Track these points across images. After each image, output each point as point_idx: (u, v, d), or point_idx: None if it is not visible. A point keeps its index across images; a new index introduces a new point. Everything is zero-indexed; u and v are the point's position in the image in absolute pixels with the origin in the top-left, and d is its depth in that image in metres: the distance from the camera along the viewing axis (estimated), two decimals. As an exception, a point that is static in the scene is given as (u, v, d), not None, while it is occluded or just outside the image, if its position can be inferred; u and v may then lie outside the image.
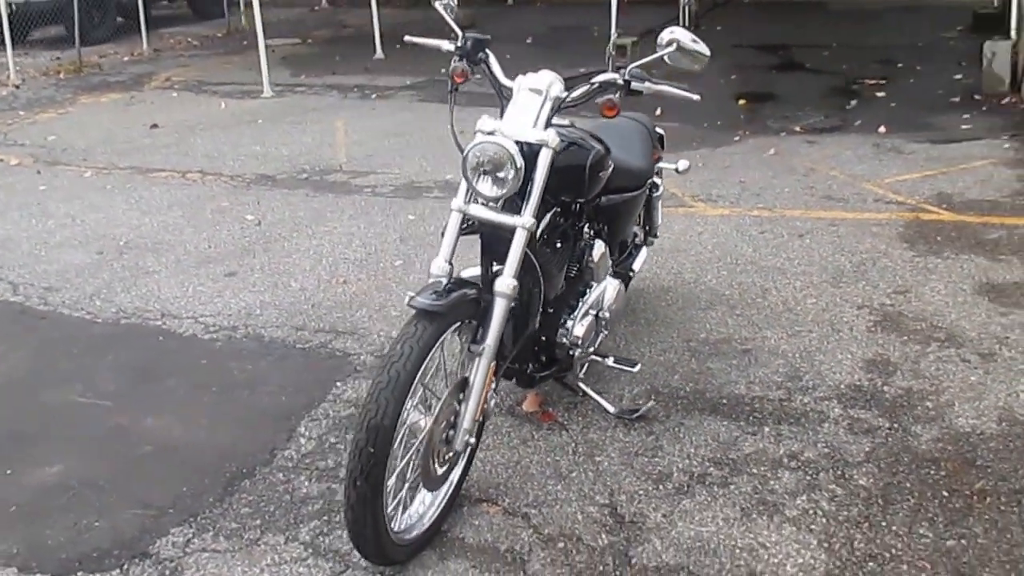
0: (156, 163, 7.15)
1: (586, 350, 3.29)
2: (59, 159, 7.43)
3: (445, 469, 2.79)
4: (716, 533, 2.75)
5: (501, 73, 2.97)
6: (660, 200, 3.98)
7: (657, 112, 6.11)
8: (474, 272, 2.90)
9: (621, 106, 2.78)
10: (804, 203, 5.51)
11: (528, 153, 2.70)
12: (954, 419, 3.24)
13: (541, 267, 2.90)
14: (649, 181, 3.72)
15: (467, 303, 2.65)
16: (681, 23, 11.41)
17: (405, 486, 2.69)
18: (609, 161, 3.09)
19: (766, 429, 3.25)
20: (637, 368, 3.40)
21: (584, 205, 3.14)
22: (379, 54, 11.28)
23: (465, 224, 2.82)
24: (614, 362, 3.40)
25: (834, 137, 6.92)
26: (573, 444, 3.23)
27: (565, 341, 3.19)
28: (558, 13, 13.56)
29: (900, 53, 9.52)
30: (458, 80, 2.97)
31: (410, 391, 2.46)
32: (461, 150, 2.75)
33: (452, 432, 2.73)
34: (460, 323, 2.68)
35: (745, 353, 3.78)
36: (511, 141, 2.67)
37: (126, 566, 2.76)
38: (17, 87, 10.38)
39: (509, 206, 2.77)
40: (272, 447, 3.31)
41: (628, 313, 4.07)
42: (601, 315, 3.38)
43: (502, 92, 2.92)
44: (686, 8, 11.36)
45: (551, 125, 2.79)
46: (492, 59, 3.00)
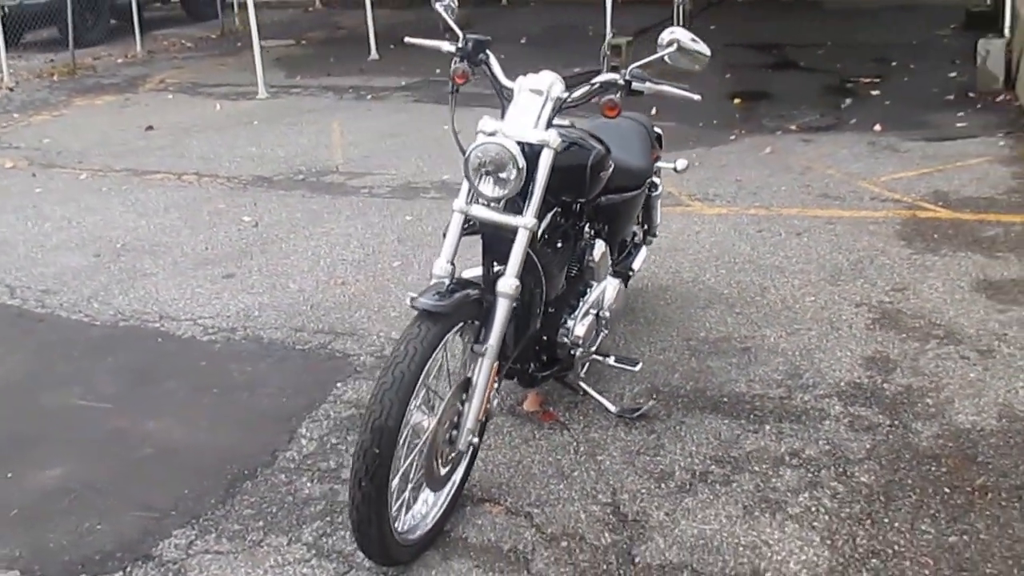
0: (152, 165, 7.14)
1: (587, 349, 3.29)
2: (54, 161, 7.42)
3: (448, 469, 2.80)
4: (719, 531, 2.76)
5: (502, 74, 2.97)
6: (659, 199, 3.98)
7: (653, 111, 6.10)
8: (475, 273, 2.90)
9: (622, 106, 2.79)
10: (801, 201, 5.51)
11: (529, 153, 2.70)
12: (954, 416, 3.25)
13: (543, 267, 2.91)
14: (648, 180, 3.73)
15: (470, 303, 2.65)
16: (675, 22, 11.41)
17: (408, 487, 2.69)
18: (610, 161, 3.09)
19: (767, 427, 3.26)
20: (638, 367, 3.41)
21: (584, 205, 3.14)
22: (374, 55, 11.27)
23: (466, 225, 2.82)
24: (615, 361, 3.40)
25: (830, 135, 6.92)
26: (575, 443, 3.24)
27: (566, 341, 3.19)
28: (552, 13, 13.55)
29: (894, 51, 9.53)
30: (459, 81, 2.97)
31: (414, 392, 2.46)
32: (463, 151, 2.75)
33: (455, 432, 2.73)
34: (463, 323, 2.69)
35: (745, 351, 3.78)
36: (513, 142, 2.67)
37: (129, 569, 2.75)
38: (11, 89, 10.35)
39: (510, 206, 2.77)
40: (273, 448, 3.31)
41: (627, 312, 4.07)
42: (602, 314, 3.38)
43: (503, 93, 2.92)
44: (680, 8, 11.35)
45: (552, 125, 2.79)
46: (492, 60, 3.00)
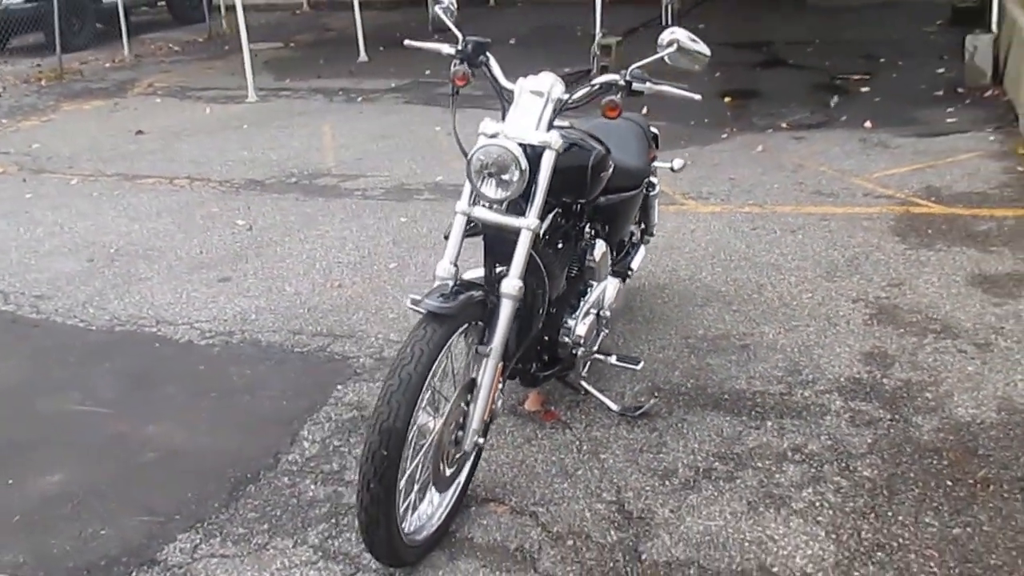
0: (143, 170, 7.12)
1: (589, 349, 3.30)
2: (44, 167, 7.39)
3: (454, 470, 2.80)
4: (724, 527, 2.77)
5: (502, 76, 2.97)
6: (657, 199, 3.99)
7: (644, 111, 6.13)
8: (475, 274, 2.91)
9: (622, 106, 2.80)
10: (794, 199, 5.53)
11: (531, 155, 2.70)
12: (954, 409, 3.27)
13: (545, 268, 2.91)
14: (646, 180, 3.74)
15: (474, 305, 2.66)
16: (664, 22, 11.44)
17: (415, 488, 2.69)
18: (610, 161, 3.09)
19: (769, 423, 3.27)
20: (640, 366, 3.41)
21: (585, 205, 3.15)
22: (363, 57, 11.26)
23: (468, 226, 2.83)
24: (617, 360, 3.40)
25: (821, 133, 6.94)
26: (577, 442, 3.24)
27: (567, 340, 3.19)
28: (540, 13, 13.57)
29: (882, 48, 9.57)
30: (459, 83, 2.96)
31: (421, 393, 2.47)
32: (465, 153, 2.76)
33: (461, 433, 2.74)
34: (467, 325, 2.69)
35: (744, 348, 3.79)
36: (515, 143, 2.67)
37: (135, 574, 2.75)
38: (-2, 95, 10.34)
39: (512, 208, 2.78)
40: (276, 451, 3.30)
41: (626, 311, 4.08)
42: (602, 314, 3.40)
43: (503, 95, 2.92)
44: (668, 7, 11.38)
45: (553, 127, 2.80)
46: (493, 62, 3.00)
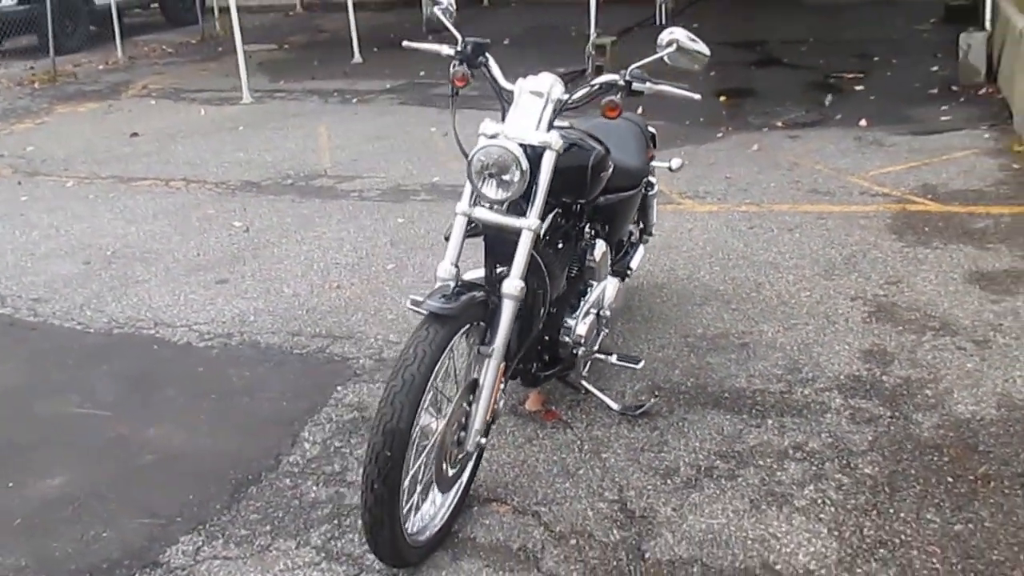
0: (138, 172, 7.11)
1: (589, 348, 3.30)
2: (39, 169, 7.37)
3: (456, 470, 2.80)
4: (727, 525, 2.77)
5: (501, 76, 2.97)
6: (655, 198, 4.00)
7: (639, 111, 6.13)
8: (476, 275, 2.91)
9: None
10: (791, 197, 5.55)
11: (531, 155, 2.70)
12: (953, 406, 3.28)
13: (546, 268, 2.92)
14: (644, 180, 3.75)
15: (476, 305, 2.66)
16: (657, 21, 11.46)
17: (418, 488, 2.70)
18: (609, 161, 3.10)
19: (769, 421, 3.28)
20: (640, 365, 3.42)
21: (585, 206, 3.15)
22: (357, 58, 11.25)
23: (469, 227, 2.83)
24: (618, 359, 3.41)
25: (816, 131, 6.96)
26: (578, 442, 3.25)
27: (568, 340, 3.20)
28: (533, 13, 13.58)
29: (875, 47, 9.60)
30: (459, 84, 2.96)
31: (424, 394, 2.47)
32: (465, 154, 2.76)
33: (463, 433, 2.74)
34: (469, 325, 2.69)
35: (743, 347, 3.80)
36: (515, 144, 2.68)
37: (138, 576, 2.75)
38: (-9, 97, 10.31)
39: (513, 208, 2.78)
40: (277, 453, 3.30)
41: (625, 311, 4.09)
42: (602, 313, 3.40)
43: (502, 95, 2.92)
44: (662, 7, 11.40)
45: (553, 127, 2.80)
46: (492, 63, 3.00)
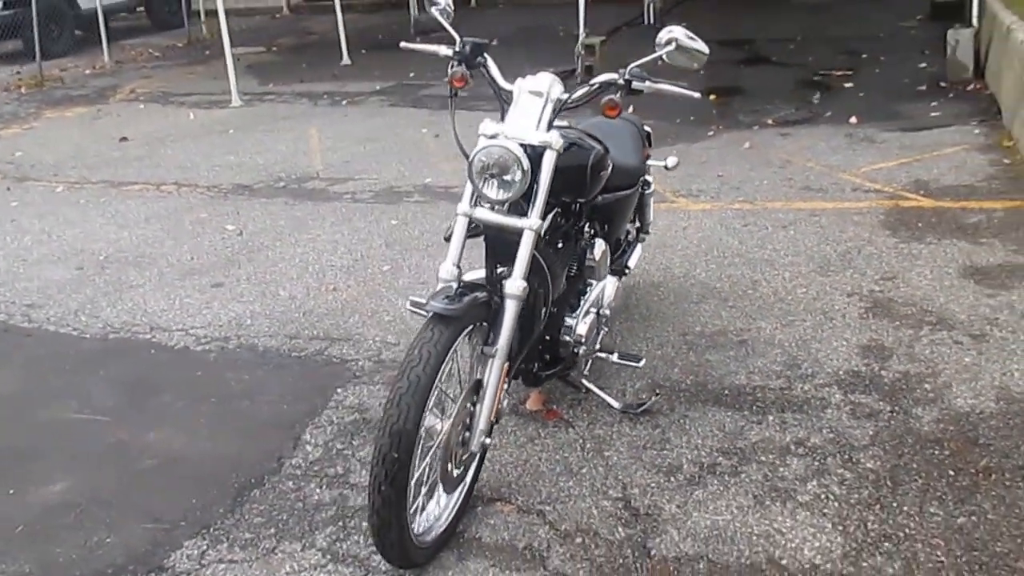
0: (129, 176, 7.08)
1: (590, 347, 3.31)
2: (28, 175, 7.34)
3: (461, 470, 2.81)
4: (732, 521, 2.78)
5: (500, 77, 2.97)
6: (652, 197, 4.01)
7: (630, 109, 6.14)
8: (477, 275, 2.91)
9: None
10: (784, 195, 5.57)
11: (532, 155, 2.71)
12: (953, 400, 3.30)
13: (547, 267, 2.92)
14: (641, 179, 3.76)
15: (479, 306, 2.66)
16: (646, 20, 11.49)
17: (423, 489, 2.70)
18: (608, 160, 3.10)
19: (770, 417, 3.29)
20: (641, 363, 3.43)
21: (584, 205, 3.16)
22: (346, 60, 11.23)
23: (470, 227, 2.83)
24: (618, 358, 3.41)
25: (806, 129, 6.98)
26: (580, 440, 3.25)
27: (568, 339, 3.20)
28: (522, 14, 13.59)
29: (863, 44, 9.64)
30: (458, 85, 2.95)
31: (430, 395, 2.47)
32: (466, 155, 2.76)
33: (467, 434, 2.74)
34: (472, 326, 2.70)
35: (742, 344, 3.81)
36: (516, 144, 2.68)
37: (143, 581, 2.75)
38: (-22, 103, 10.25)
39: (513, 208, 2.78)
40: (279, 456, 3.30)
41: (622, 309, 4.10)
42: (602, 312, 3.41)
43: (501, 95, 2.93)
44: (650, 6, 11.43)
45: (553, 127, 2.81)
46: (491, 63, 3.00)
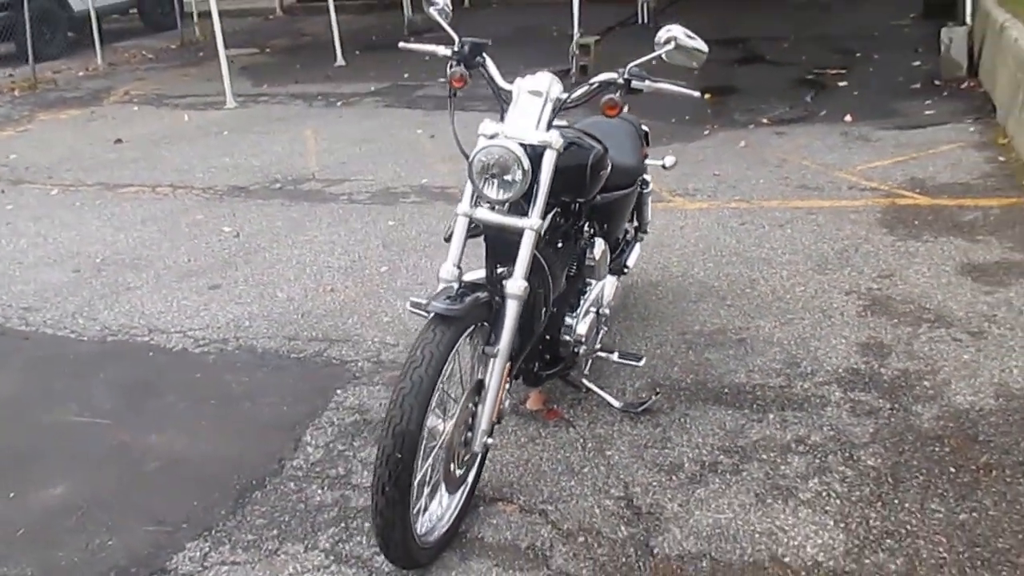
0: (124, 178, 7.07)
1: (590, 347, 3.32)
2: (23, 177, 7.32)
3: (464, 470, 2.81)
4: (734, 519, 2.79)
5: (499, 76, 2.98)
6: (650, 196, 4.02)
7: (625, 109, 6.15)
8: (476, 276, 2.91)
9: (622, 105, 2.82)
10: (780, 193, 5.58)
11: (532, 155, 2.71)
12: (952, 397, 3.31)
13: (547, 267, 2.93)
14: (640, 178, 3.76)
15: (480, 306, 2.66)
16: (640, 20, 11.50)
17: (425, 490, 2.70)
18: (608, 160, 3.11)
19: (771, 416, 3.30)
20: (642, 362, 3.43)
21: (583, 204, 3.16)
22: (340, 61, 11.22)
23: (470, 227, 2.83)
24: (619, 357, 3.42)
25: (802, 127, 6.99)
26: (581, 440, 3.26)
27: (569, 339, 3.21)
28: (516, 14, 13.58)
29: (856, 42, 9.66)
30: (457, 85, 2.96)
31: (433, 395, 2.47)
32: (466, 155, 2.76)
33: (470, 434, 2.75)
34: (474, 326, 2.70)
35: (741, 343, 3.82)
36: (516, 143, 2.69)
37: (146, 583, 2.74)
38: (-29, 106, 10.22)
39: (514, 208, 2.78)
40: (280, 457, 3.30)
41: (620, 309, 4.10)
42: (601, 312, 3.41)
43: (501, 95, 2.93)
44: (644, 6, 11.44)
45: (552, 126, 2.81)
46: (490, 63, 3.01)
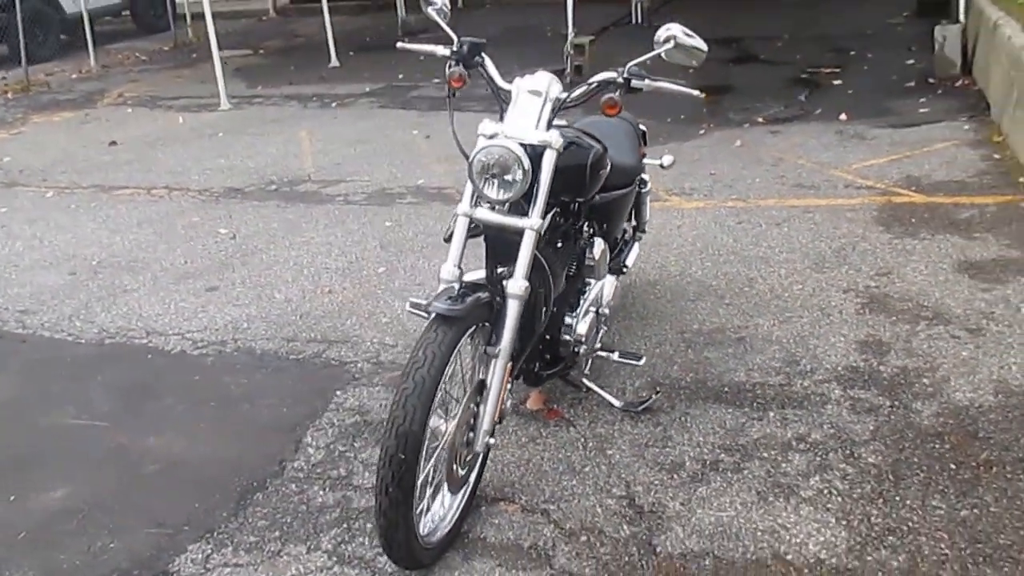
0: (119, 180, 7.06)
1: (590, 346, 3.32)
2: (17, 180, 7.30)
3: (466, 471, 2.82)
4: (736, 517, 2.79)
5: (498, 76, 2.98)
6: (648, 195, 4.02)
7: (622, 108, 6.16)
8: (476, 276, 2.91)
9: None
10: (777, 192, 5.58)
11: (532, 155, 2.71)
12: (952, 394, 3.32)
13: (548, 267, 2.93)
14: (638, 177, 3.77)
15: (482, 306, 2.66)
16: (634, 20, 11.51)
17: (428, 490, 2.70)
18: (607, 159, 3.11)
19: (771, 414, 3.31)
20: (642, 361, 3.43)
21: (583, 204, 3.16)
22: (334, 62, 11.21)
23: (470, 227, 2.83)
24: (619, 356, 3.42)
25: (797, 126, 7.00)
26: (582, 439, 3.26)
27: (569, 338, 3.21)
28: (508, 14, 13.58)
29: (850, 41, 9.68)
30: (455, 85, 2.96)
31: (436, 396, 2.47)
32: (466, 156, 2.76)
33: (472, 434, 2.75)
34: (475, 327, 2.70)
35: (740, 341, 3.82)
36: (516, 143, 2.69)
37: (148, 586, 2.74)
38: (-36, 109, 10.19)
39: (514, 208, 2.78)
40: (281, 459, 3.29)
41: (619, 308, 4.11)
42: (601, 311, 3.42)
43: (500, 95, 2.93)
44: (638, 6, 11.45)
45: (552, 126, 2.82)
46: (488, 63, 3.01)
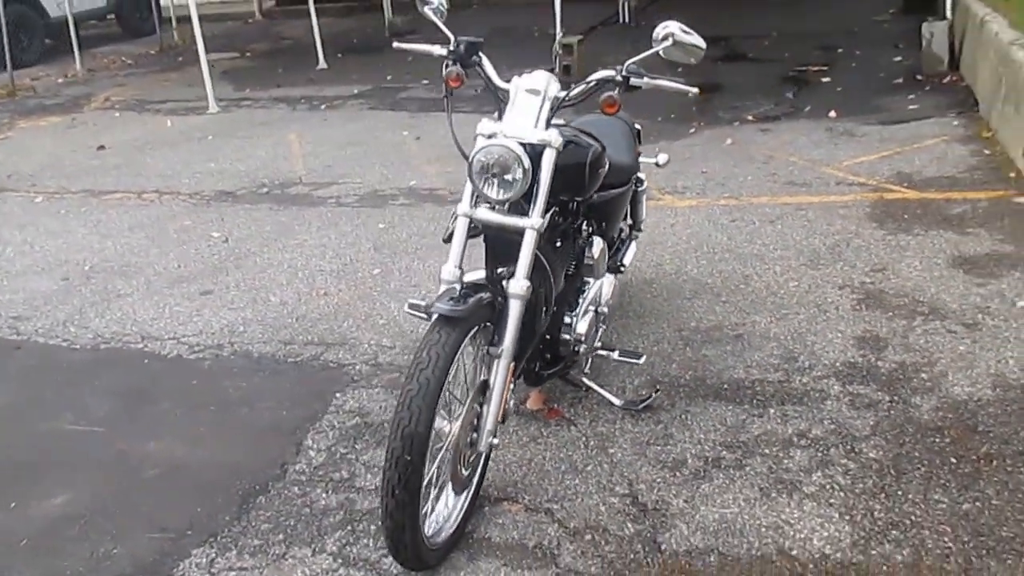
0: (109, 185, 7.02)
1: (590, 345, 3.33)
2: (5, 185, 7.26)
3: (470, 471, 2.82)
4: (739, 514, 2.81)
5: (496, 75, 2.98)
6: (644, 194, 4.03)
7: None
8: (476, 276, 2.90)
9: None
10: (769, 190, 5.60)
11: (531, 154, 2.71)
12: (950, 388, 3.34)
13: (548, 266, 2.93)
14: (635, 176, 3.78)
15: (484, 307, 2.66)
16: (621, 19, 11.53)
17: (432, 491, 2.70)
18: (606, 158, 3.12)
19: (771, 410, 3.32)
20: (642, 360, 3.44)
21: (581, 203, 3.17)
22: (322, 64, 11.17)
23: (470, 227, 2.84)
24: (619, 355, 3.43)
25: (786, 124, 7.03)
26: (584, 438, 3.27)
27: (569, 338, 3.21)
28: (496, 14, 13.57)
29: (837, 39, 9.72)
30: (453, 85, 2.96)
31: (440, 397, 2.47)
32: (465, 156, 2.77)
33: (475, 435, 2.75)
34: (477, 327, 2.70)
35: (738, 338, 3.84)
36: (515, 142, 2.69)
37: (152, 591, 2.73)
38: (-50, 115, 10.12)
39: (513, 208, 2.78)
40: (282, 462, 3.29)
41: (616, 307, 4.11)
42: (600, 310, 3.42)
43: (498, 95, 2.93)
44: (625, 5, 11.47)
45: (551, 125, 2.82)
46: (486, 62, 3.01)
